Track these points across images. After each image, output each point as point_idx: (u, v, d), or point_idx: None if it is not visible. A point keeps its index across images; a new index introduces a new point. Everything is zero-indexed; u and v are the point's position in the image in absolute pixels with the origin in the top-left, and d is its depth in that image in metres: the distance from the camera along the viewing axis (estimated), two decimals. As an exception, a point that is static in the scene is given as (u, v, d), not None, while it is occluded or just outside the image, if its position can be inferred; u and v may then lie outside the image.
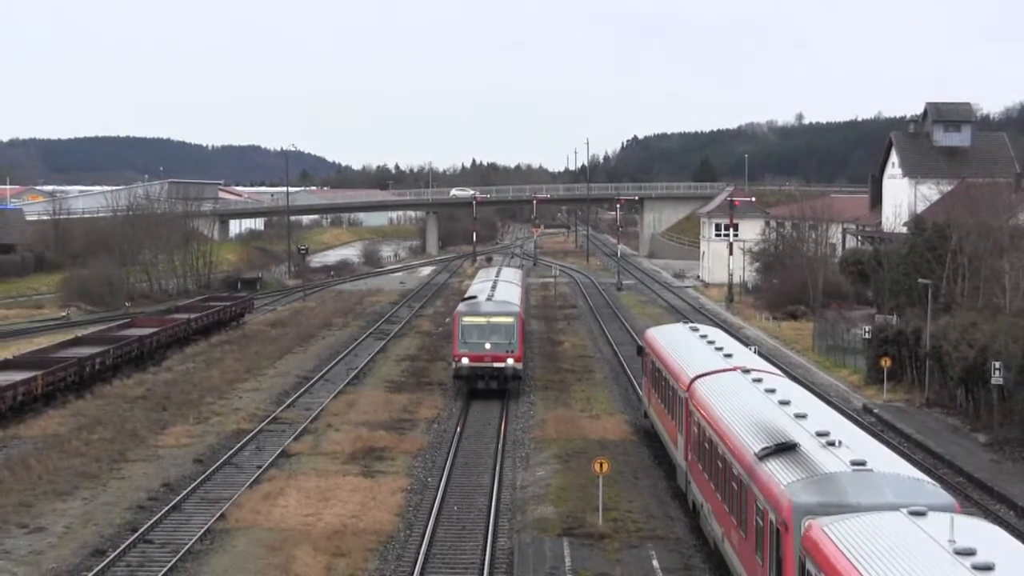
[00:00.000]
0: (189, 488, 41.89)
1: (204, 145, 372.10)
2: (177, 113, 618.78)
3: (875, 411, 55.70)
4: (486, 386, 57.78)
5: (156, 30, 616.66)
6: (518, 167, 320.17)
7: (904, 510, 21.23)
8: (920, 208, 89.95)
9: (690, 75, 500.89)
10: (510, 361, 57.44)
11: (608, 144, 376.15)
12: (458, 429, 52.30)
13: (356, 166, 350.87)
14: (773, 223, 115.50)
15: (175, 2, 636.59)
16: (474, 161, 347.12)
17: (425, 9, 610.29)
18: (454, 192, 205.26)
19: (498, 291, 65.38)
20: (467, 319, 58.42)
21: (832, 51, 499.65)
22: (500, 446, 49.19)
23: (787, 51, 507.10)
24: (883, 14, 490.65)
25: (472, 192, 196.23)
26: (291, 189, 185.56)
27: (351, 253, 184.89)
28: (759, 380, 37.00)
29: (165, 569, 32.58)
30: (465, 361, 57.49)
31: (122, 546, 34.86)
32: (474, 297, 63.10)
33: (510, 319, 58.53)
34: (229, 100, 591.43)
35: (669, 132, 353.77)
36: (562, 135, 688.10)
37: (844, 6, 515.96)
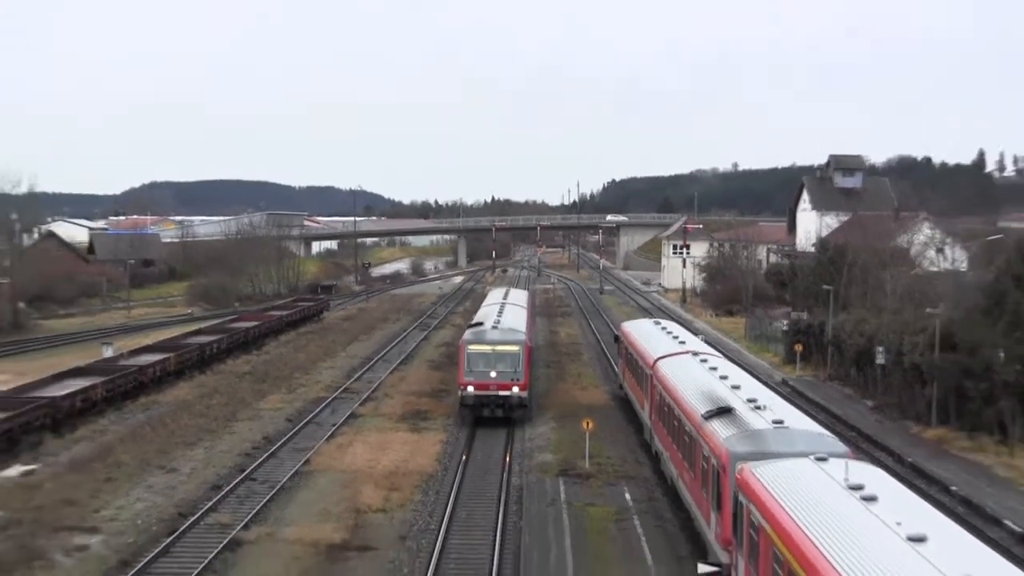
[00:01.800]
0: (282, 440, 42.11)
1: (293, 186, 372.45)
2: (273, 161, 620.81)
3: (790, 383, 55.75)
4: (491, 414, 44.62)
5: (266, 96, 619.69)
6: (526, 202, 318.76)
7: (811, 456, 21.35)
8: (824, 233, 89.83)
9: (653, 131, 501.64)
10: (515, 390, 44.48)
11: (593, 184, 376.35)
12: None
13: (406, 201, 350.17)
14: (716, 244, 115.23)
15: (275, 73, 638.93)
16: (493, 197, 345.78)
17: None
18: (609, 218, 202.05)
19: (504, 316, 51.43)
20: (472, 347, 45.31)
21: (760, 113, 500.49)
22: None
23: (727, 114, 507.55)
24: (795, 86, 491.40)
25: (623, 218, 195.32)
26: (358, 219, 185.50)
27: (402, 266, 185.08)
28: (705, 360, 37.11)
29: (265, 500, 32.82)
30: (470, 390, 44.39)
31: (233, 483, 35.12)
32: (480, 324, 49.26)
33: (515, 348, 45.15)
34: (312, 152, 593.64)
35: (638, 176, 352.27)
36: (559, 178, 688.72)
37: (768, 81, 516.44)
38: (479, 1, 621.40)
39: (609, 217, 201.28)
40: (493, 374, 44.54)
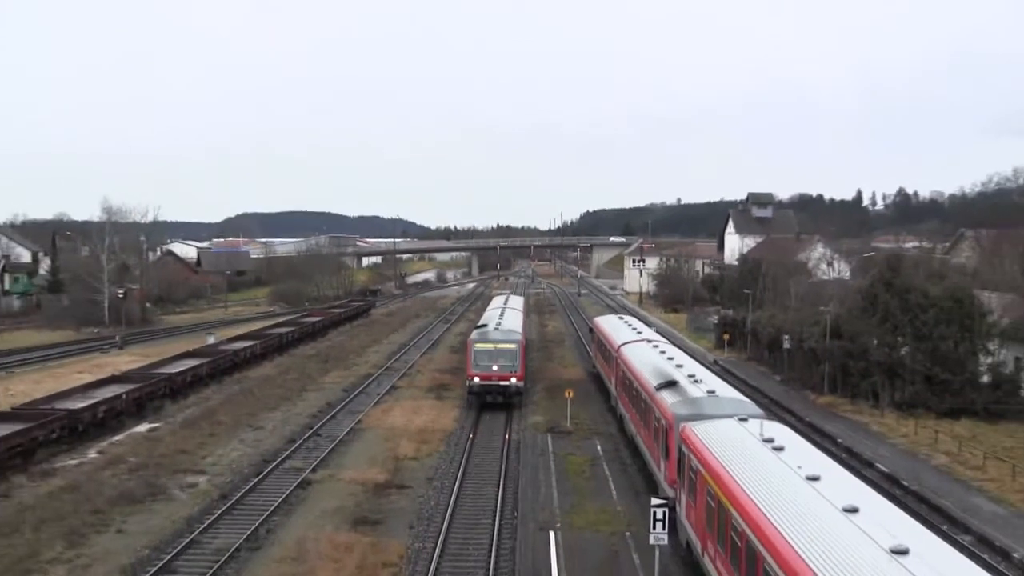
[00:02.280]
0: (340, 406, 42.11)
1: (348, 215, 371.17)
2: (332, 196, 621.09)
3: (720, 363, 55.70)
4: (493, 400, 41.07)
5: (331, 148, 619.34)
6: (523, 226, 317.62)
7: (735, 418, 21.43)
8: (745, 251, 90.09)
9: (618, 173, 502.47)
10: (513, 380, 40.84)
11: (573, 213, 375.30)
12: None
13: (432, 226, 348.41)
14: (665, 259, 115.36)
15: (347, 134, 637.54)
16: (498, 224, 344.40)
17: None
18: (612, 239, 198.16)
19: (505, 320, 47.44)
20: (478, 345, 41.54)
21: (694, 161, 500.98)
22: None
23: (669, 162, 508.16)
24: (723, 143, 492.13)
25: (623, 239, 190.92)
26: (397, 240, 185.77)
27: (429, 276, 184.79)
28: (656, 345, 37.22)
29: (327, 450, 32.87)
30: (476, 380, 40.84)
31: (304, 437, 35.16)
32: (484, 326, 45.31)
33: (513, 345, 41.44)
34: (362, 189, 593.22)
35: (607, 208, 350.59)
36: (548, 207, 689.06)
37: (704, 138, 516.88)
38: (488, 80, 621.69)
39: (612, 238, 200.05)
40: (495, 367, 40.94)
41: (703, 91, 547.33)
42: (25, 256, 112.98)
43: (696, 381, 26.84)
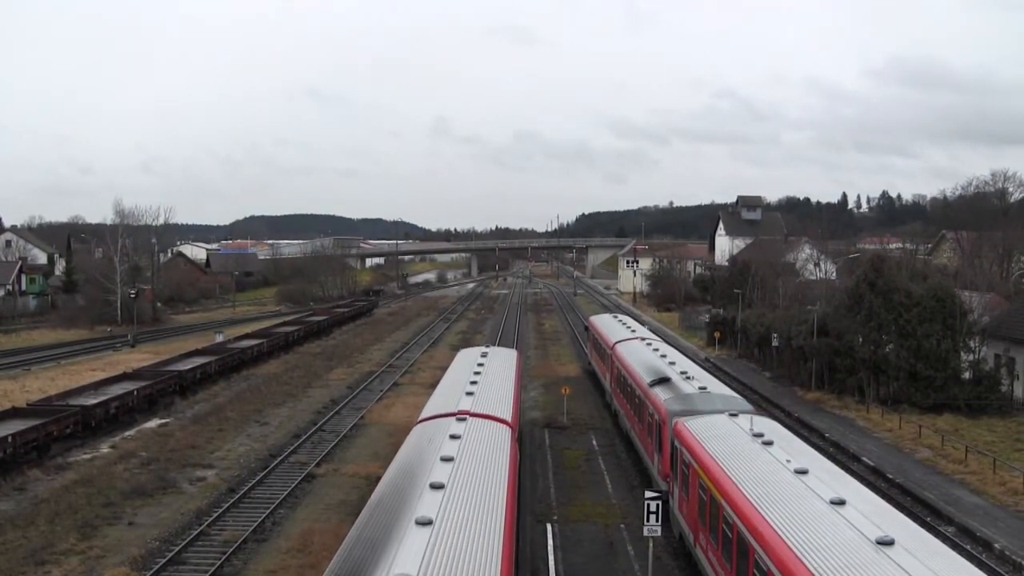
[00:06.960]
0: (344, 402, 42.00)
1: (352, 218, 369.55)
2: (337, 200, 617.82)
3: (711, 360, 55.62)
4: None
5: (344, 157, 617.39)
6: (520, 229, 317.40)
7: (726, 413, 21.33)
8: (735, 252, 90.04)
9: (612, 178, 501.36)
10: None
11: (569, 216, 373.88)
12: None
13: (433, 228, 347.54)
14: (658, 259, 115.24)
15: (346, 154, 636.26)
16: (497, 226, 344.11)
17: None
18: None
19: (459, 477, 12.60)
20: None
21: (689, 166, 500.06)
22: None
23: (663, 165, 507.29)
24: (714, 147, 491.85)
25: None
26: (399, 242, 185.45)
27: (430, 276, 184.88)
28: (650, 343, 37.09)
29: (331, 445, 32.77)
30: None
31: (309, 432, 35.07)
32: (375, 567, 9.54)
33: None
34: (365, 193, 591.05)
35: (601, 211, 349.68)
36: (544, 210, 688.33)
37: (694, 143, 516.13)
38: (476, 93, 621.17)
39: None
40: None
41: (691, 102, 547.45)
42: (41, 258, 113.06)
43: (688, 378, 26.74)
